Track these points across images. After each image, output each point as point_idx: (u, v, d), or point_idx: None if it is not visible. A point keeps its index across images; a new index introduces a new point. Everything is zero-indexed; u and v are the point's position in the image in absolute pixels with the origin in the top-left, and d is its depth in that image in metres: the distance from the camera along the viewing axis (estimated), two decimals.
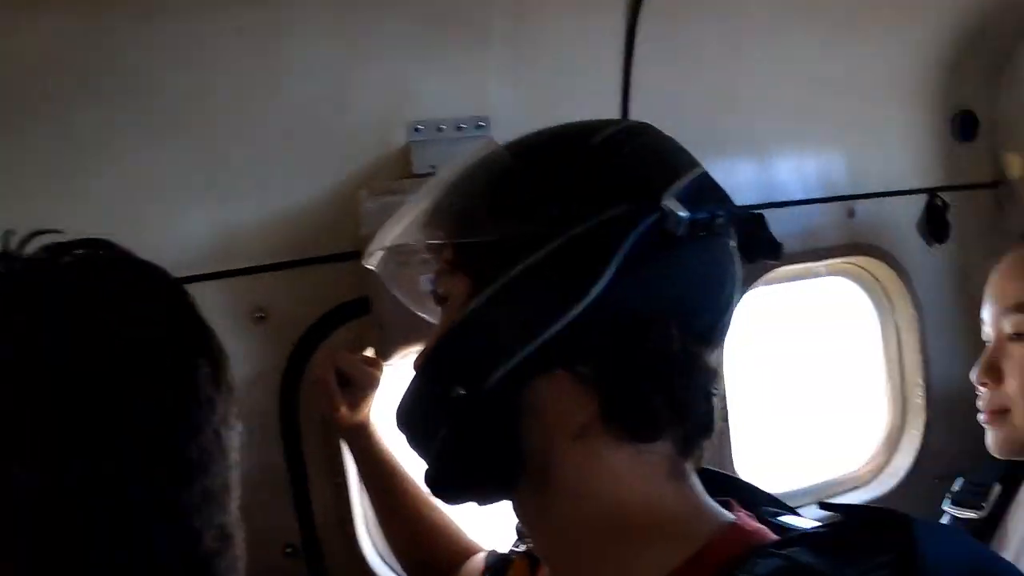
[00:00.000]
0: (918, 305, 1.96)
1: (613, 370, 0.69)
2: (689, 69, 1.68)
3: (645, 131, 0.81)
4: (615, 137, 0.77)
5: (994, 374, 1.20)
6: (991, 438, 1.22)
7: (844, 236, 1.89)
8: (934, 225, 1.99)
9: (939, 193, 2.02)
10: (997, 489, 1.32)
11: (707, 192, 0.75)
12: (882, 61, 1.94)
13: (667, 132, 0.81)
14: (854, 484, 2.05)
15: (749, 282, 1.73)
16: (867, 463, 2.06)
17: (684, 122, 1.71)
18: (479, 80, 1.50)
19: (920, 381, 1.98)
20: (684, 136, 0.80)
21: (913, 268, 1.96)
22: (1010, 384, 1.18)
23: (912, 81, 2.01)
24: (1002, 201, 2.15)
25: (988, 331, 1.23)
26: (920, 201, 2.01)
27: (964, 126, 2.09)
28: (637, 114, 1.62)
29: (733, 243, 0.75)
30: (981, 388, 1.22)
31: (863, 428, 2.07)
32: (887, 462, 2.05)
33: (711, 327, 0.74)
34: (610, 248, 0.69)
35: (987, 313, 1.24)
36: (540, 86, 1.54)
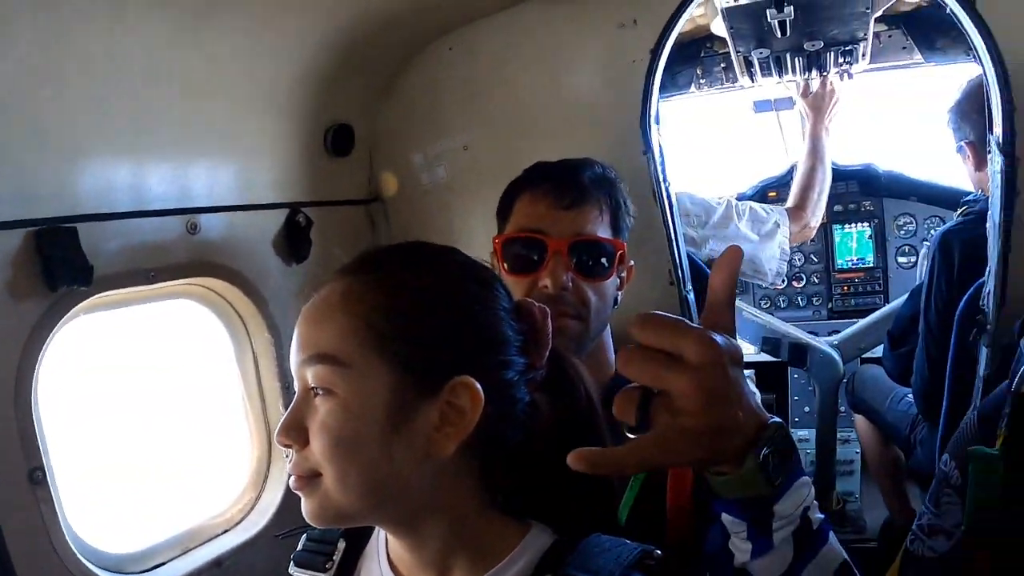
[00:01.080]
0: (274, 329, 1.83)
1: None
2: None
3: None
4: None
5: (299, 434, 1.01)
6: (305, 506, 1.03)
7: (186, 254, 1.68)
8: (294, 243, 1.89)
9: (303, 209, 1.92)
10: (342, 546, 1.16)
11: None
12: (243, 65, 1.76)
13: None
14: (224, 527, 1.86)
15: (60, 313, 1.43)
16: (236, 502, 1.89)
17: None
18: None
19: (282, 410, 1.86)
20: None
21: (269, 289, 1.83)
22: (316, 445, 1.00)
23: (280, 90, 1.87)
24: (375, 219, 2.14)
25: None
26: (280, 217, 1.89)
27: (339, 140, 2.02)
28: None
29: None
30: (285, 449, 1.03)
31: (231, 464, 1.89)
32: (256, 499, 1.90)
33: None
34: None
35: (293, 361, 1.05)
36: None
